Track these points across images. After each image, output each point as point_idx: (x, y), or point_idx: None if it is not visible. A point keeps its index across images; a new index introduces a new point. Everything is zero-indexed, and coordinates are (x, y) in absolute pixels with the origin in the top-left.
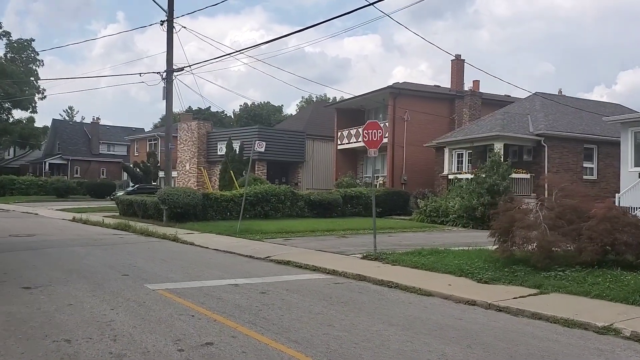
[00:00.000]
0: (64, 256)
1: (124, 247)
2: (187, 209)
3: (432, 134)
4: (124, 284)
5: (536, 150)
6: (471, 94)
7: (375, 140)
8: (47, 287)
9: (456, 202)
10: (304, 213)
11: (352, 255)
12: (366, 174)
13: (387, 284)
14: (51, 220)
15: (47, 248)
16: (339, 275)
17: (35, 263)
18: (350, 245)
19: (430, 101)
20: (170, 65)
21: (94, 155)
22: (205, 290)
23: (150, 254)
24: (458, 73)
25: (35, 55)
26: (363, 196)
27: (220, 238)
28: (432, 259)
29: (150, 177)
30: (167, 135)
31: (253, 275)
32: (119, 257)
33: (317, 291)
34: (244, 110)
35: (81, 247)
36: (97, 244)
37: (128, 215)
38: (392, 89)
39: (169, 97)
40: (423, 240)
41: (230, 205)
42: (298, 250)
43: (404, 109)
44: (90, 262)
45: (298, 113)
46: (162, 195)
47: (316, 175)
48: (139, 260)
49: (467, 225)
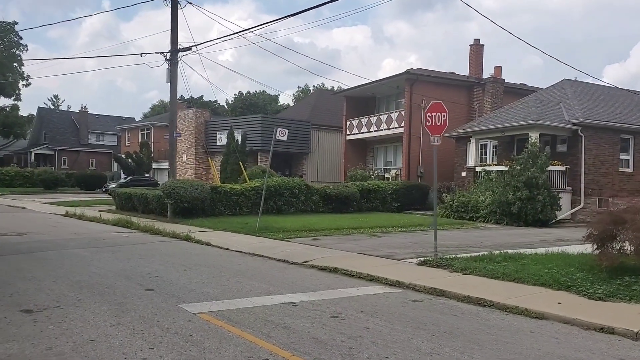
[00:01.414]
0: (66, 262)
1: (133, 249)
2: (195, 203)
3: (450, 124)
4: (154, 305)
5: (571, 141)
6: (493, 80)
7: (439, 125)
8: (55, 310)
9: (487, 197)
10: (318, 208)
11: (405, 260)
12: (376, 166)
13: (477, 302)
14: (42, 216)
15: (43, 251)
16: (408, 288)
17: (32, 272)
18: (391, 247)
19: (447, 88)
20: (175, 45)
21: (82, 146)
22: (259, 312)
23: (167, 258)
24: (477, 59)
25: (18, 40)
26: (381, 190)
27: (238, 237)
28: (511, 266)
29: (143, 169)
30: (172, 123)
31: (304, 288)
32: (132, 263)
33: (400, 314)
34: (238, 100)
35: (83, 248)
36: (101, 245)
37: (126, 210)
38: (410, 74)
39: (174, 79)
40: (465, 239)
41: (240, 199)
42: (337, 254)
43: (420, 96)
44: (100, 271)
45: (300, 102)
46: (167, 188)
47: (321, 167)
48: (157, 267)
49: (500, 222)
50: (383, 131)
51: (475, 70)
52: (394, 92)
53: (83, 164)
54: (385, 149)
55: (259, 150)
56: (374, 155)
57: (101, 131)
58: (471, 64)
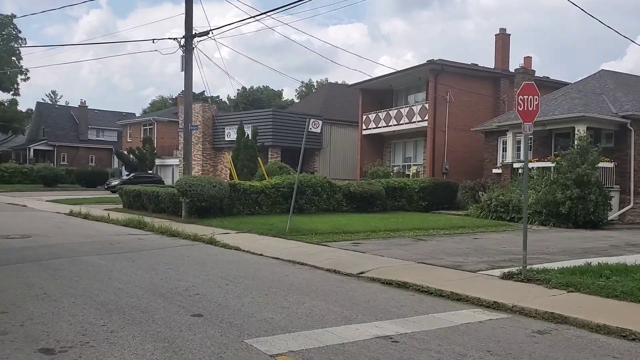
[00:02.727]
0: (83, 273)
1: (155, 256)
2: (213, 202)
3: (476, 117)
4: (212, 341)
5: (619, 135)
6: (523, 71)
7: (531, 110)
8: (84, 350)
9: (529, 196)
10: (341, 207)
11: (480, 272)
12: (394, 163)
13: (620, 333)
14: (45, 215)
15: (53, 258)
16: (513, 312)
17: (45, 288)
18: (449, 254)
19: (472, 80)
20: (190, 30)
21: (82, 141)
22: (356, 354)
23: (198, 268)
24: (503, 49)
25: (17, 33)
26: (407, 188)
27: (268, 240)
28: (629, 283)
29: (147, 165)
30: (187, 115)
31: (385, 312)
32: (161, 275)
33: (544, 356)
34: (241, 95)
35: (97, 255)
36: (116, 250)
37: (135, 209)
38: (434, 64)
39: (189, 68)
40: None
41: (260, 198)
42: (392, 263)
43: (445, 88)
44: (126, 286)
45: (310, 96)
46: (183, 185)
47: (334, 163)
48: (192, 281)
49: (546, 223)
50: (404, 125)
51: (502, 61)
52: (414, 84)
53: (82, 160)
54: (404, 144)
55: (270, 146)
56: (392, 150)
57: (101, 127)
58: (497, 55)
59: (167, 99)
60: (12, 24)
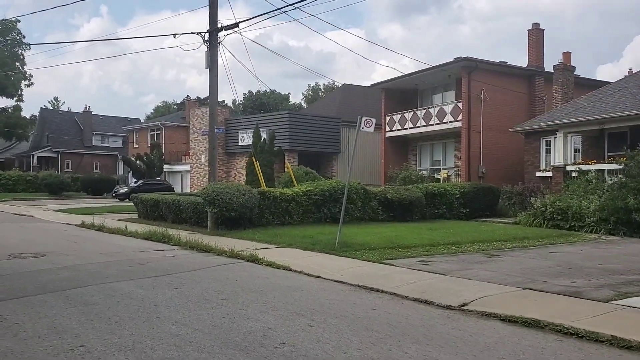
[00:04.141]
0: (121, 310)
1: (198, 280)
2: (243, 212)
3: (511, 117)
4: None
5: None
6: (564, 68)
7: None
8: None
9: (591, 202)
10: (377, 215)
11: (615, 302)
12: (421, 166)
13: None
14: (55, 227)
15: (78, 286)
16: None
17: (80, 335)
18: (544, 274)
19: (507, 78)
20: (215, 23)
21: (86, 148)
22: None
23: (261, 298)
24: (537, 46)
25: (21, 38)
26: (447, 194)
27: (317, 257)
28: None
29: (155, 171)
30: (212, 116)
31: None
32: (221, 311)
33: None
34: (248, 99)
35: (130, 280)
36: (150, 273)
37: (152, 219)
38: (468, 61)
39: (213, 64)
40: (617, 260)
41: (291, 206)
42: (491, 289)
43: (479, 86)
44: (184, 331)
45: (325, 98)
46: (210, 194)
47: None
48: (265, 320)
49: (615, 232)
50: (433, 126)
51: (536, 58)
52: (441, 82)
53: (87, 167)
54: (431, 146)
55: (287, 150)
56: (418, 153)
57: (105, 132)
58: (530, 52)
59: (172, 104)
60: (16, 29)
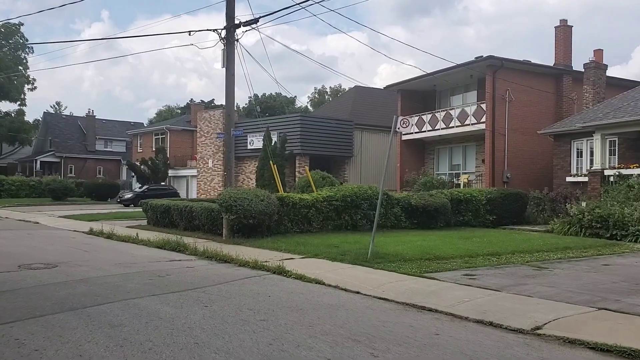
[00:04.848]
0: (152, 333)
1: (228, 296)
2: (261, 219)
3: (537, 119)
4: None
5: None
6: (595, 66)
7: None
8: None
9: (635, 209)
10: (400, 223)
11: None
12: (438, 171)
13: None
14: (62, 234)
15: (100, 303)
16: None
17: None
18: (610, 291)
19: (533, 77)
20: (232, 19)
21: (89, 153)
22: None
23: (303, 319)
24: (565, 43)
25: (24, 42)
26: (474, 200)
27: (349, 270)
28: None
29: (159, 177)
30: (229, 117)
31: None
32: (265, 334)
33: None
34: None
35: (154, 296)
36: (174, 287)
37: (162, 226)
38: (494, 59)
39: (230, 63)
40: None
41: (310, 213)
42: (564, 310)
43: (504, 86)
44: None
45: (336, 100)
46: (227, 200)
47: (365, 172)
48: (319, 348)
49: None
50: (454, 129)
51: (564, 56)
52: (462, 82)
53: (90, 172)
54: (450, 150)
55: (298, 154)
56: (435, 157)
57: (109, 137)
58: (557, 50)
59: (174, 108)
60: (19, 32)
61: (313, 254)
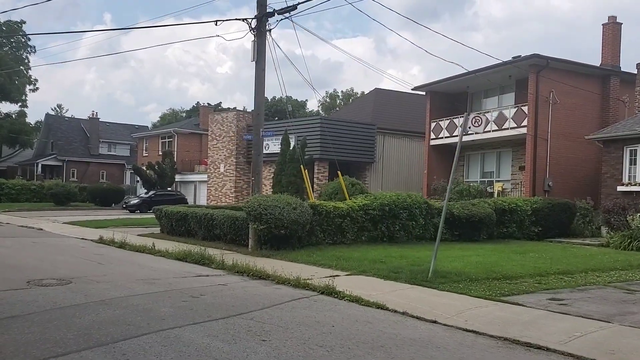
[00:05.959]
0: None
1: (281, 324)
2: (294, 229)
3: (582, 123)
4: None
5: None
6: None
7: None
8: None
9: None
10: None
11: None
12: (468, 178)
13: None
14: (70, 242)
15: (133, 336)
16: None
17: None
18: None
19: (578, 78)
20: (264, 7)
21: (92, 156)
22: None
23: None
24: (613, 42)
25: (26, 41)
26: (518, 210)
27: (409, 291)
28: None
29: (166, 182)
30: (258, 117)
31: None
32: None
33: None
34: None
35: (195, 324)
36: (215, 314)
37: (177, 235)
38: (538, 58)
39: (261, 57)
40: None
41: (345, 223)
42: None
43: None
44: None
45: (355, 103)
46: (255, 207)
47: (387, 178)
48: None
49: None
50: (490, 133)
51: (611, 56)
52: (498, 84)
53: (93, 176)
54: (482, 156)
55: (318, 159)
56: (465, 164)
57: (112, 140)
58: (604, 49)
59: (179, 111)
60: (21, 31)
61: (359, 270)
